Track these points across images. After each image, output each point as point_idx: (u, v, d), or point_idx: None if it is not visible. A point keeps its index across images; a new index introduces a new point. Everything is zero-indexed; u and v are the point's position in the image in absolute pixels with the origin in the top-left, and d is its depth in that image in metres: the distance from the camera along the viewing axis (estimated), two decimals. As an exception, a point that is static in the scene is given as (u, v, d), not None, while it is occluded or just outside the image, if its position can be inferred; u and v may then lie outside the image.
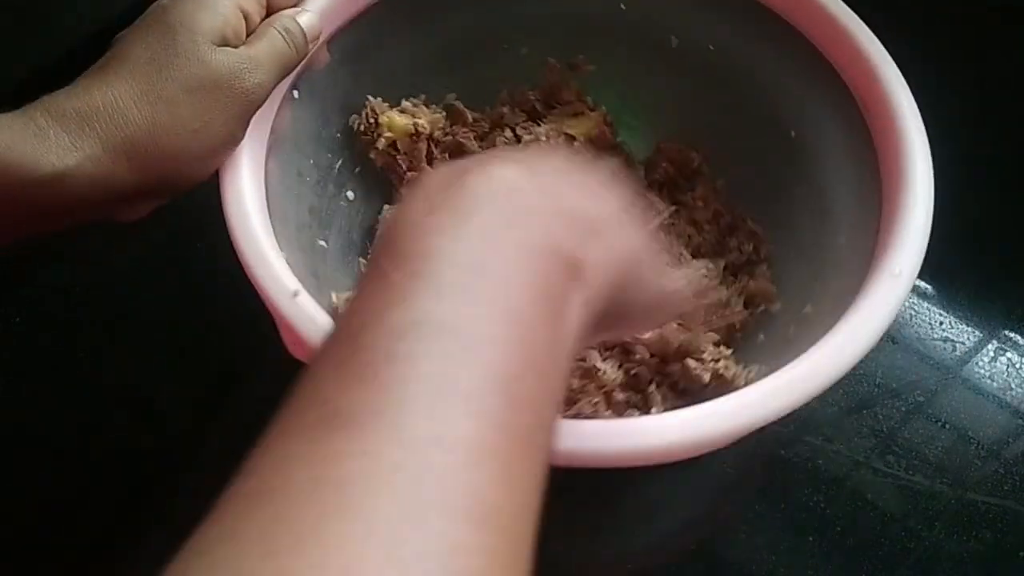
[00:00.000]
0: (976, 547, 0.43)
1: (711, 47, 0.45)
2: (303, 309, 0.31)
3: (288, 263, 0.34)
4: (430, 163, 0.48)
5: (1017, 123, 0.58)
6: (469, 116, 0.49)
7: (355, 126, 0.46)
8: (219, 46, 0.33)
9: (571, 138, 0.48)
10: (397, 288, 0.20)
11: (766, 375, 0.30)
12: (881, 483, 0.45)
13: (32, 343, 0.50)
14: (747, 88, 0.44)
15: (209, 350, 0.33)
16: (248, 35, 0.36)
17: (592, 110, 0.49)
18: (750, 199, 0.46)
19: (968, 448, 0.46)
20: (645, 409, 0.39)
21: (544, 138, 0.47)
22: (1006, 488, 0.45)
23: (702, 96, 0.47)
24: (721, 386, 0.39)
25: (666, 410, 0.38)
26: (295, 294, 0.32)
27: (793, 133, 0.42)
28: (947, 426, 0.47)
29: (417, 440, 0.18)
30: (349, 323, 0.21)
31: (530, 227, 0.22)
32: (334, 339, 0.21)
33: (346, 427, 0.18)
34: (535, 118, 0.49)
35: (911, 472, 0.45)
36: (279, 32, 0.36)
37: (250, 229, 0.34)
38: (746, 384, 0.30)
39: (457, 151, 0.49)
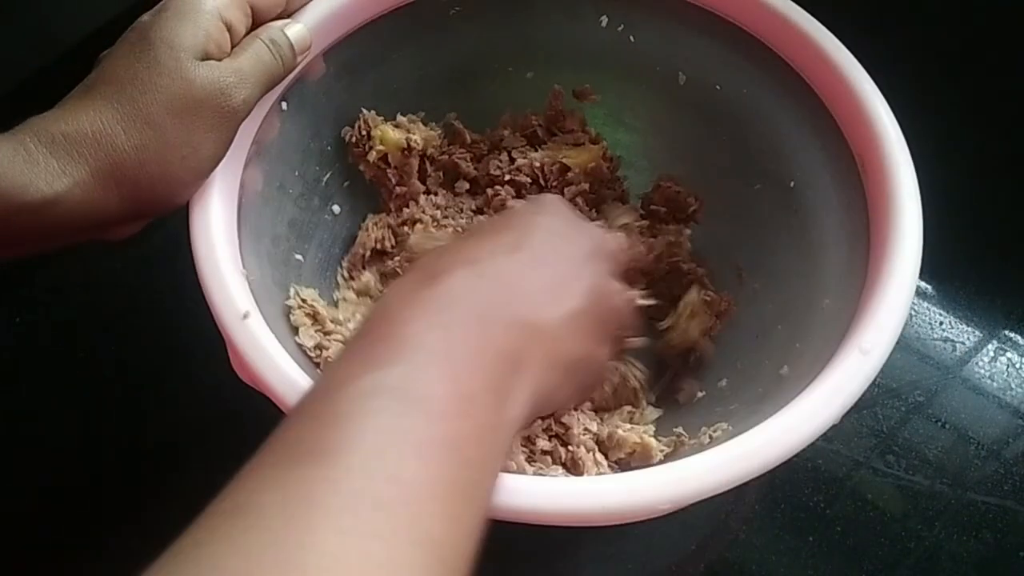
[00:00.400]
0: (976, 547, 0.43)
1: (718, 87, 0.44)
2: (250, 332, 0.31)
3: (250, 279, 0.34)
4: (423, 180, 0.47)
5: (1018, 124, 0.58)
6: (468, 136, 0.48)
7: (347, 138, 0.45)
8: (202, 60, 0.33)
9: (565, 168, 0.47)
10: (376, 359, 0.25)
11: (732, 436, 0.29)
12: (881, 483, 0.45)
13: (32, 343, 0.50)
14: (750, 132, 0.43)
15: (209, 350, 0.34)
16: (234, 46, 0.34)
17: (594, 142, 0.48)
18: (742, 247, 0.44)
19: (968, 448, 0.46)
20: (574, 468, 0.37)
21: (538, 164, 0.47)
22: (1006, 488, 0.45)
23: (706, 136, 0.45)
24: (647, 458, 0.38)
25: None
26: (245, 315, 0.32)
27: (792, 184, 0.41)
28: (947, 426, 0.47)
29: (375, 475, 0.21)
30: (331, 379, 0.25)
31: (489, 331, 0.27)
32: (314, 390, 0.25)
33: (316, 458, 0.21)
34: (535, 144, 0.49)
35: (911, 472, 0.45)
36: (265, 44, 0.35)
37: (210, 246, 0.33)
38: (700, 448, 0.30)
39: (452, 170, 0.48)
